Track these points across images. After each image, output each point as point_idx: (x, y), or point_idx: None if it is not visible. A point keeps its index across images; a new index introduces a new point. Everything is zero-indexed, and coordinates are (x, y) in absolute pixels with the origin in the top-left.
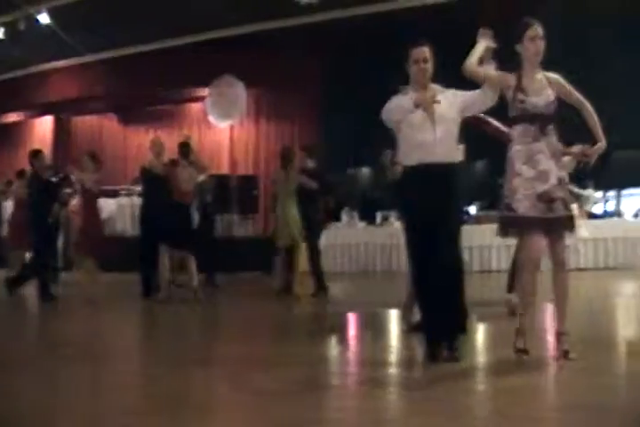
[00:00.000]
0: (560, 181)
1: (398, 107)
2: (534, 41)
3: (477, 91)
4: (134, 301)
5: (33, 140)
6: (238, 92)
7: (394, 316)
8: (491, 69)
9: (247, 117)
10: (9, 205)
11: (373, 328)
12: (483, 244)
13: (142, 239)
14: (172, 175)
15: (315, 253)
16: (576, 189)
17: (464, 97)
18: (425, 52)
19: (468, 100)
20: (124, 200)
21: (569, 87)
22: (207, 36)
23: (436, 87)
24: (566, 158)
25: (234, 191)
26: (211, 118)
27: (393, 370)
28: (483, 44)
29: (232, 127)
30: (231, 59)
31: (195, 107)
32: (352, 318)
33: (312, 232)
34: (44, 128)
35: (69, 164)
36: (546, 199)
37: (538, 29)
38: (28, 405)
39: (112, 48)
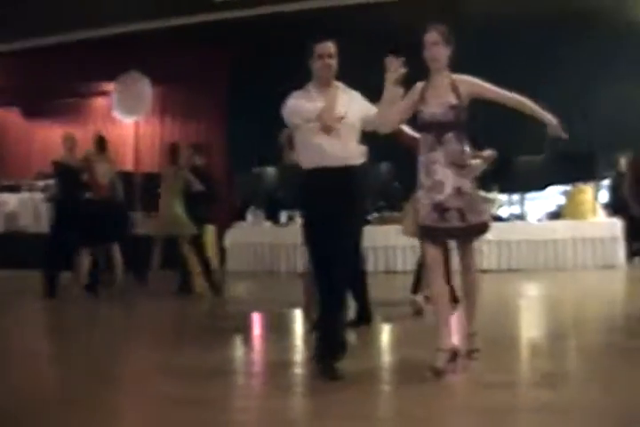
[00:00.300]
0: (457, 190)
1: (301, 112)
2: (428, 47)
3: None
4: (34, 300)
5: None
6: (144, 88)
7: (298, 316)
8: (400, 111)
9: (152, 114)
10: None
11: (278, 328)
12: (387, 244)
13: (54, 236)
14: (89, 169)
15: (202, 252)
16: (482, 193)
17: (368, 111)
18: (330, 47)
19: (369, 116)
20: (26, 195)
21: (481, 85)
22: (114, 30)
23: (339, 85)
24: (476, 161)
25: (137, 188)
26: (116, 113)
27: (297, 370)
28: (391, 82)
29: (137, 123)
30: (138, 54)
31: (100, 101)
32: (256, 318)
33: (198, 231)
34: None
35: None
36: (439, 209)
37: (432, 35)
38: None
39: (15, 40)
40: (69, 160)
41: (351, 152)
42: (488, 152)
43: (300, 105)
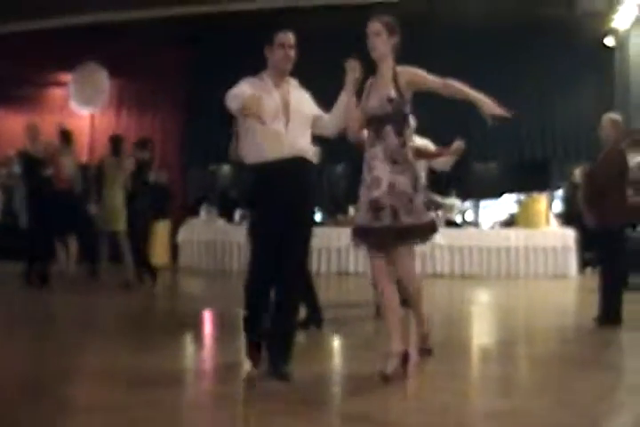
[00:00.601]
0: (391, 187)
1: (240, 94)
2: (370, 37)
3: (326, 116)
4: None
5: None
6: (101, 79)
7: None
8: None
9: (109, 106)
10: None
11: (227, 327)
12: (340, 246)
13: (35, 229)
14: (55, 161)
15: (140, 245)
16: (438, 198)
17: (318, 113)
18: (291, 38)
19: (317, 118)
20: None
21: (422, 75)
22: (74, 20)
23: (292, 81)
24: (443, 159)
25: (91, 181)
26: (72, 104)
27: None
28: (350, 82)
29: (93, 115)
30: (97, 46)
31: (57, 92)
32: (207, 316)
33: (135, 224)
34: None
35: None
36: (374, 207)
37: (374, 25)
38: None
39: None
40: (34, 151)
41: (307, 144)
42: (456, 143)
43: (244, 90)
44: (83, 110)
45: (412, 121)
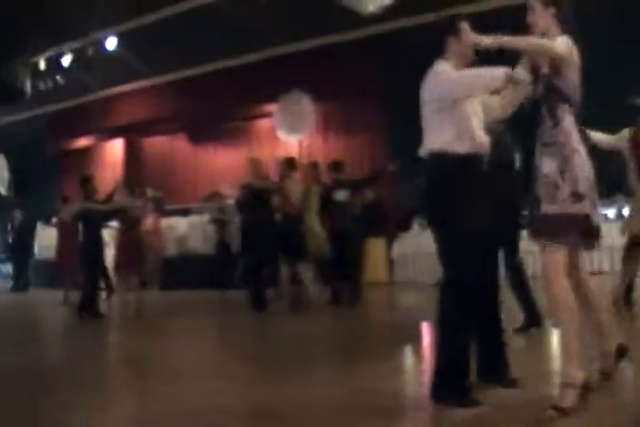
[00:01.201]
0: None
1: (485, 77)
2: (528, 14)
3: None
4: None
5: (104, 164)
6: (305, 106)
7: None
8: None
9: (315, 131)
10: None
11: None
12: None
13: (250, 256)
14: (284, 189)
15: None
16: None
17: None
18: None
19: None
20: (196, 219)
21: None
22: (273, 52)
23: None
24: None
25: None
26: (279, 133)
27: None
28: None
29: (301, 142)
30: (297, 74)
31: (263, 123)
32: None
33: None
34: (114, 151)
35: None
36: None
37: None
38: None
39: (178, 69)
40: (261, 182)
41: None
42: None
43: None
44: (290, 138)
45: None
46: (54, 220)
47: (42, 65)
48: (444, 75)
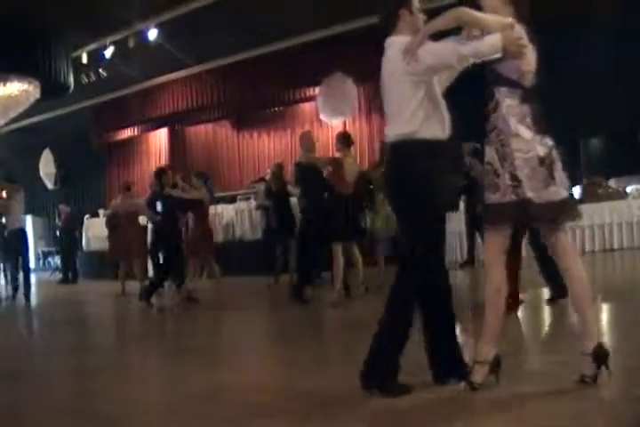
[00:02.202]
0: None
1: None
2: None
3: None
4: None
5: (149, 154)
6: (348, 88)
7: None
8: None
9: (359, 113)
10: None
11: None
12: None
13: (310, 237)
14: (339, 166)
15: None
16: None
17: None
18: None
19: None
20: (242, 205)
21: None
22: (314, 35)
23: None
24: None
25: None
26: (323, 116)
27: None
28: None
29: (344, 124)
30: (339, 56)
31: (306, 106)
32: None
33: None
34: (159, 141)
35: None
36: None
37: None
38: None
39: (219, 57)
40: (314, 159)
41: None
42: None
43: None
44: (333, 121)
45: None
46: (106, 211)
47: (84, 58)
48: (433, 44)
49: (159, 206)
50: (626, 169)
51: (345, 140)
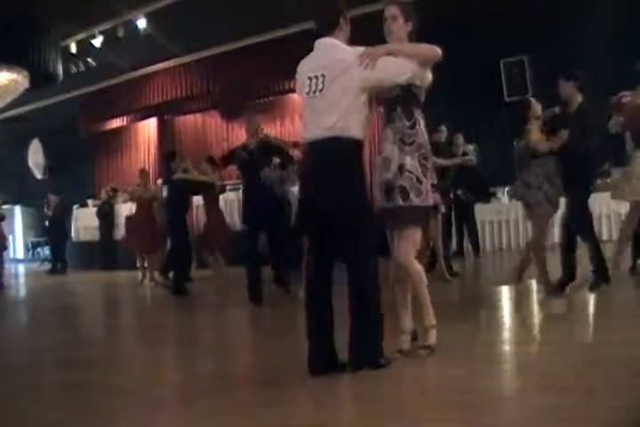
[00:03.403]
0: (401, 168)
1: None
2: (387, 22)
3: None
4: None
5: (138, 144)
6: None
7: None
8: None
9: None
10: (123, 209)
11: None
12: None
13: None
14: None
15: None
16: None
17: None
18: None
19: None
20: (231, 195)
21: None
22: (303, 26)
23: None
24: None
25: None
26: None
27: None
28: None
29: None
30: None
31: (296, 96)
32: None
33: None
34: (148, 131)
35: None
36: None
37: (390, 9)
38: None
39: (208, 47)
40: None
41: None
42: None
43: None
44: None
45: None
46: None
47: (73, 48)
48: (394, 59)
49: (165, 192)
50: None
51: None
